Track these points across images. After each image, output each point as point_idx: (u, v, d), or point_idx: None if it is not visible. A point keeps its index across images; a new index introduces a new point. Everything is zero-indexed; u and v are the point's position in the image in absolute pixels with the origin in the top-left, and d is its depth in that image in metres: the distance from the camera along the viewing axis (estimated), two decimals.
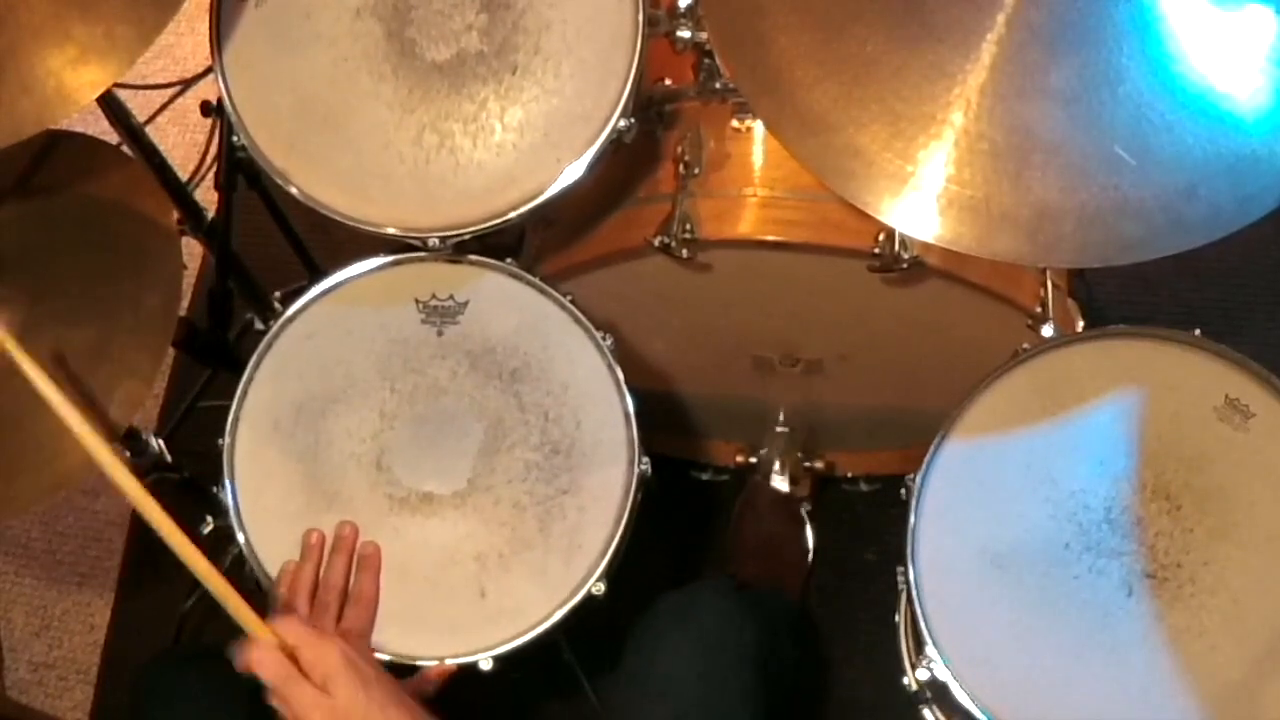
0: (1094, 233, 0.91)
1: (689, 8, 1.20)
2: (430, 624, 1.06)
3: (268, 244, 1.63)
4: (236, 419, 1.14)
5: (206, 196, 1.52)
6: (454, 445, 1.12)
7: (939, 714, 1.06)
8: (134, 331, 1.07)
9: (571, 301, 1.16)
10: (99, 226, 1.13)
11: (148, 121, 2.02)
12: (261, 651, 0.90)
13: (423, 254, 1.17)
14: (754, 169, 1.25)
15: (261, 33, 1.16)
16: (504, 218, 1.12)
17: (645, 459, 1.11)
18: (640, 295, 1.31)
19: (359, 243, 1.16)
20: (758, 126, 1.25)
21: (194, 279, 1.88)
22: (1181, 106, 0.91)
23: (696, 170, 1.24)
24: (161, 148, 1.34)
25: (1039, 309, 1.20)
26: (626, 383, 1.13)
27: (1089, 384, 1.07)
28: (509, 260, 1.18)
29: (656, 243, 1.19)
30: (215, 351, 1.39)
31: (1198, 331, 1.08)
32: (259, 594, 1.08)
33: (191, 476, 1.34)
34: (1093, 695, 0.97)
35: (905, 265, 1.15)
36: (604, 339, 1.14)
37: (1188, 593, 0.99)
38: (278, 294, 1.45)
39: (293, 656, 0.90)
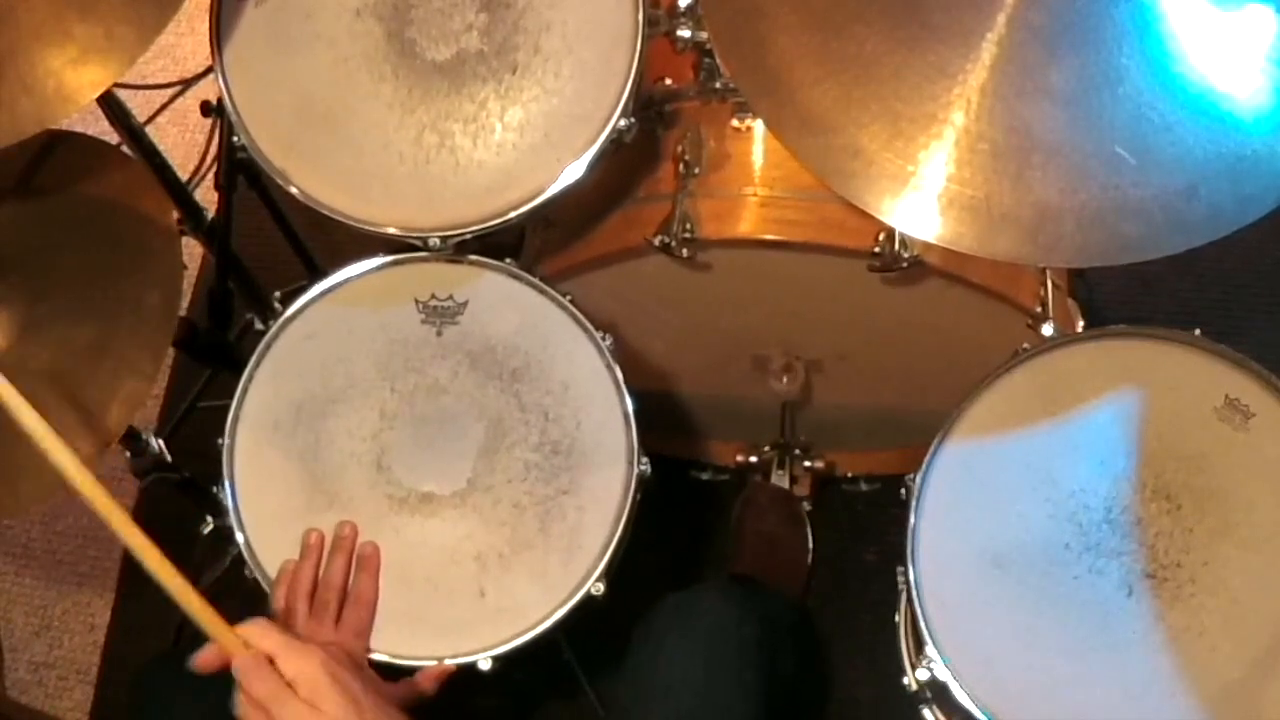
0: (1094, 233, 0.91)
1: (689, 8, 1.20)
2: (430, 624, 1.06)
3: (268, 244, 1.63)
4: (236, 419, 1.14)
5: (206, 196, 1.53)
6: (454, 445, 1.12)
7: (939, 714, 1.06)
8: (135, 330, 1.07)
9: (571, 301, 1.16)
10: (99, 226, 1.13)
11: (148, 121, 2.02)
12: (247, 661, 0.84)
13: (423, 254, 1.17)
14: (754, 169, 1.25)
15: (261, 33, 1.16)
16: (504, 218, 1.12)
17: (645, 459, 1.11)
18: (640, 295, 1.31)
19: (359, 243, 1.16)
20: (758, 126, 1.25)
21: (194, 279, 1.88)
22: (1181, 106, 0.91)
23: (696, 170, 1.24)
24: (161, 148, 1.34)
25: (1039, 309, 1.20)
26: (626, 383, 1.13)
27: (1089, 384, 1.07)
28: (509, 260, 1.18)
29: (656, 242, 1.19)
30: (215, 351, 1.39)
31: (1198, 331, 1.08)
32: (259, 594, 1.08)
33: (191, 476, 1.34)
34: (1093, 695, 0.97)
35: (905, 265, 1.15)
36: (604, 339, 1.14)
37: (1188, 593, 0.99)
38: (278, 294, 1.45)
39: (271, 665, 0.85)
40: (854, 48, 0.97)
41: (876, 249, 1.16)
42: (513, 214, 1.12)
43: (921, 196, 0.93)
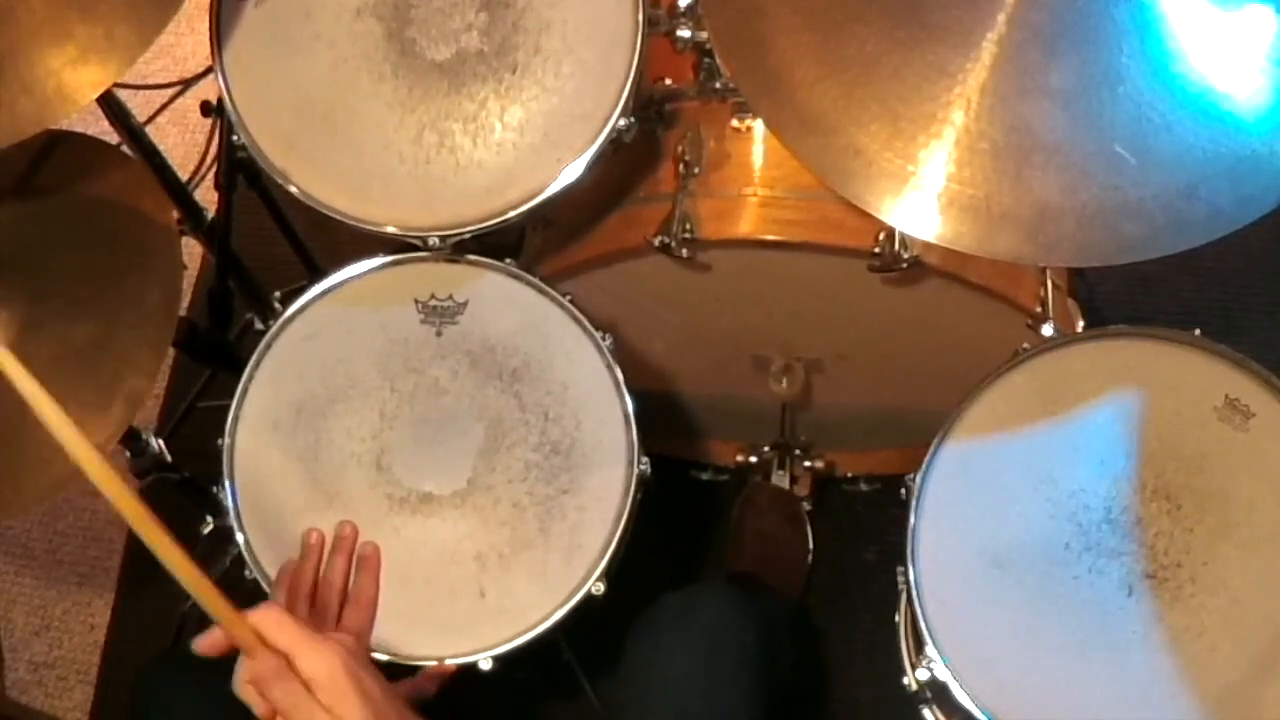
0: (1094, 233, 0.91)
1: (689, 7, 1.21)
2: (430, 624, 1.06)
3: (268, 244, 1.63)
4: (236, 419, 1.14)
5: (206, 196, 1.52)
6: (454, 445, 1.12)
7: (939, 714, 1.06)
8: (135, 329, 1.07)
9: (571, 301, 1.16)
10: (99, 226, 1.13)
11: (148, 121, 2.02)
12: (267, 667, 0.80)
13: (422, 254, 1.17)
14: (754, 169, 1.25)
15: (261, 33, 1.16)
16: (504, 217, 1.12)
17: (645, 459, 1.11)
18: (640, 295, 1.31)
19: (359, 242, 1.16)
20: (758, 126, 1.25)
21: (194, 279, 1.88)
22: (1181, 106, 0.91)
23: (696, 170, 1.24)
24: (161, 148, 1.35)
25: (1039, 309, 1.20)
26: (626, 383, 1.13)
27: (1089, 384, 1.07)
28: (509, 260, 1.18)
29: (656, 243, 1.19)
30: (215, 351, 1.39)
31: (1198, 331, 1.08)
32: (259, 594, 1.08)
33: (191, 476, 1.34)
34: (1093, 695, 0.97)
35: (905, 265, 1.15)
36: (604, 339, 1.14)
37: (1188, 593, 0.99)
38: (278, 294, 1.45)
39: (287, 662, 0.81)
40: (854, 48, 0.97)
41: (876, 249, 1.16)
42: (512, 214, 1.12)
43: (921, 196, 0.93)
